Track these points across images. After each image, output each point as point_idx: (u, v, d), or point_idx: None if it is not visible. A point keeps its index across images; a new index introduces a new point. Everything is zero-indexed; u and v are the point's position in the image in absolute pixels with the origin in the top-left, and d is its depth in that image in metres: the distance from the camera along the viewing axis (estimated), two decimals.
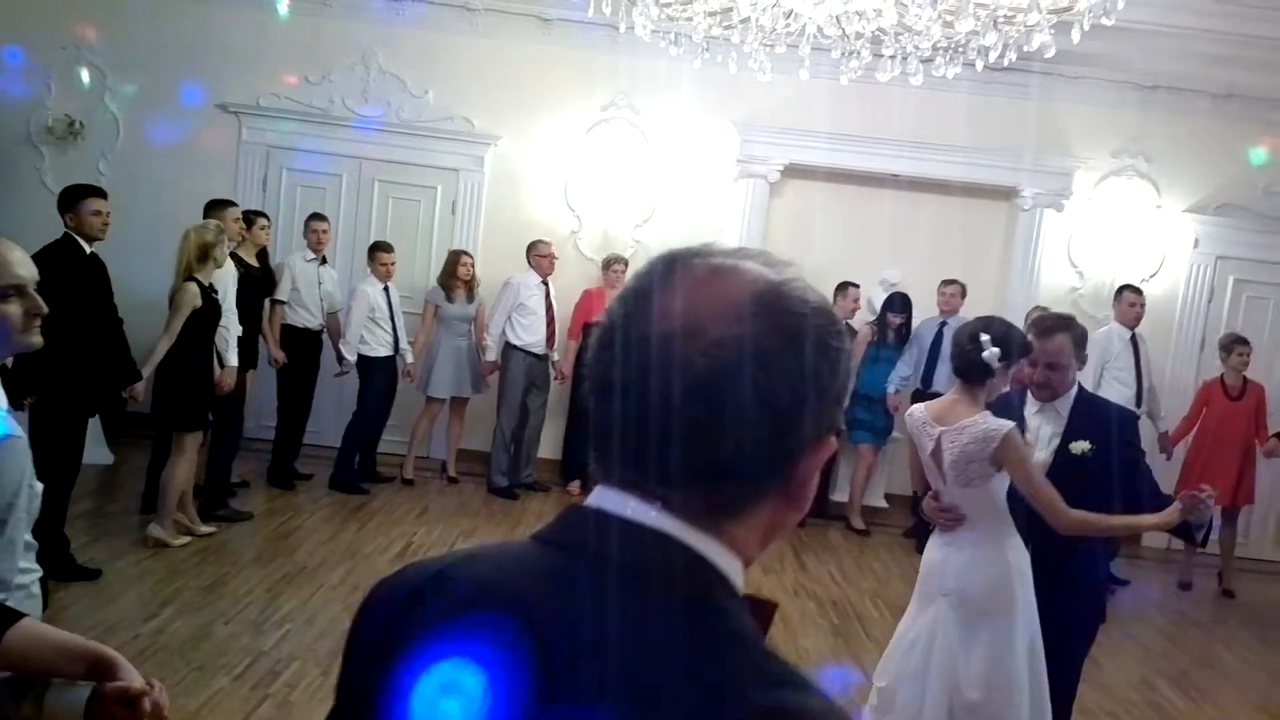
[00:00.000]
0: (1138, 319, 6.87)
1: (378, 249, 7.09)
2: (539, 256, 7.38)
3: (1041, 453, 3.16)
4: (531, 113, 7.82)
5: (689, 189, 7.92)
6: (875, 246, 7.86)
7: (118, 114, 7.75)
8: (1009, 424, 2.96)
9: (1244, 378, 6.93)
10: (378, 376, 7.05)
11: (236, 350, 5.73)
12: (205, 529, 5.59)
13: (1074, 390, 3.21)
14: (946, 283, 7.35)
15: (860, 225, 7.91)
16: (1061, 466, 3.11)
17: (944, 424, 3.05)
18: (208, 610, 4.53)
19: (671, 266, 0.82)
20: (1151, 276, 7.84)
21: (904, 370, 7.34)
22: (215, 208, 5.99)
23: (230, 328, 5.65)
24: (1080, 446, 3.08)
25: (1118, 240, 7.85)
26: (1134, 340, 6.87)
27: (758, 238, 7.74)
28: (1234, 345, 6.94)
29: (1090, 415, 3.13)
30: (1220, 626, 6.33)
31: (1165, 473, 7.52)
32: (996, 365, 2.96)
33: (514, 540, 0.90)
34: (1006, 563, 3.04)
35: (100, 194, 5.00)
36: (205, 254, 5.23)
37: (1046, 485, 2.94)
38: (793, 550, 6.78)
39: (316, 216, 7.06)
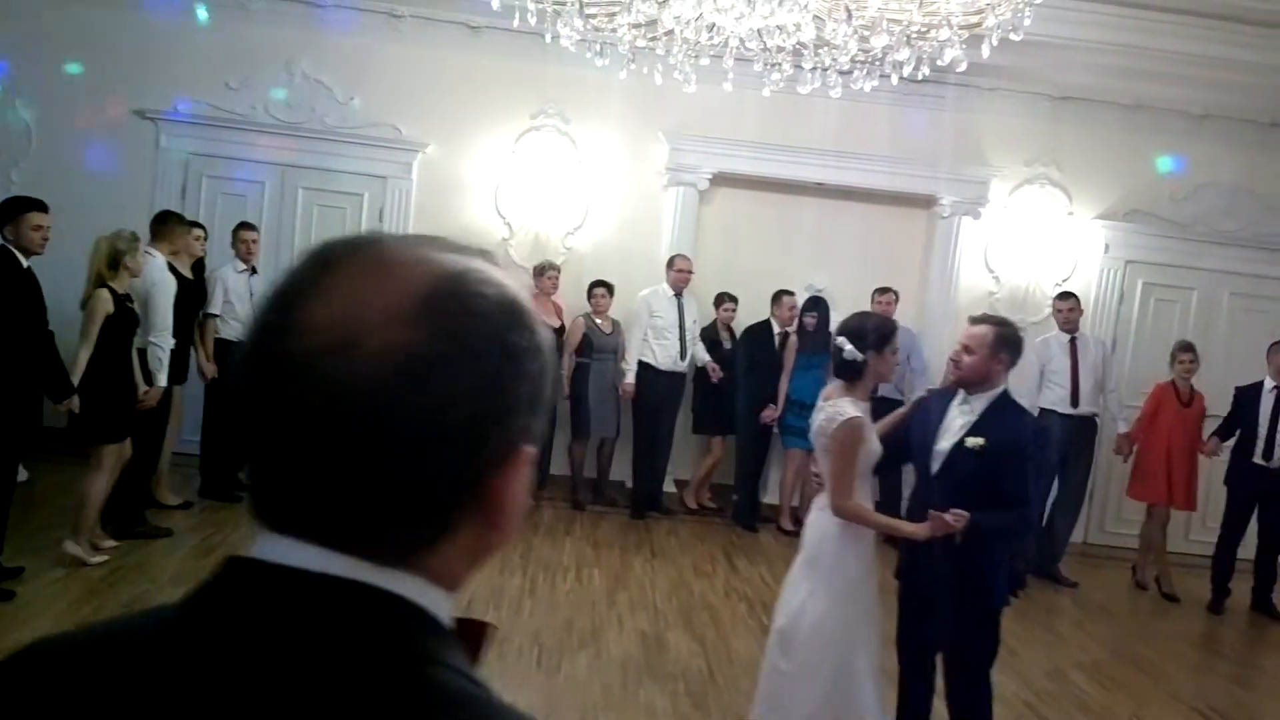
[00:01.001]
0: (1067, 323, 7.08)
1: None
2: None
3: (946, 442, 3.36)
4: (460, 120, 7.81)
5: (619, 196, 7.98)
6: (802, 253, 8.03)
7: (30, 122, 7.54)
8: (855, 415, 3.26)
9: (1191, 386, 7.10)
10: None
11: (168, 369, 5.59)
12: (109, 543, 5.46)
13: (996, 391, 3.34)
14: (881, 291, 7.47)
15: (787, 233, 8.08)
16: (954, 456, 3.32)
17: (824, 402, 3.44)
18: None
19: (324, 263, 0.69)
20: (1065, 281, 8.12)
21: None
22: (168, 221, 5.91)
23: (164, 345, 5.53)
24: (975, 442, 3.26)
25: (1032, 246, 8.13)
26: (1073, 344, 7.07)
27: (689, 245, 7.84)
28: (1178, 353, 7.12)
29: (1000, 419, 3.29)
30: (1133, 618, 6.57)
31: (1119, 473, 7.79)
32: (860, 357, 3.27)
33: (162, 607, 0.71)
34: (840, 529, 3.34)
35: (42, 208, 4.87)
36: (116, 261, 5.13)
37: (845, 473, 3.24)
38: (724, 553, 6.87)
39: (245, 226, 6.92)
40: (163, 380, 5.56)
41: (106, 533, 5.51)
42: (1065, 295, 7.26)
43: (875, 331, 3.33)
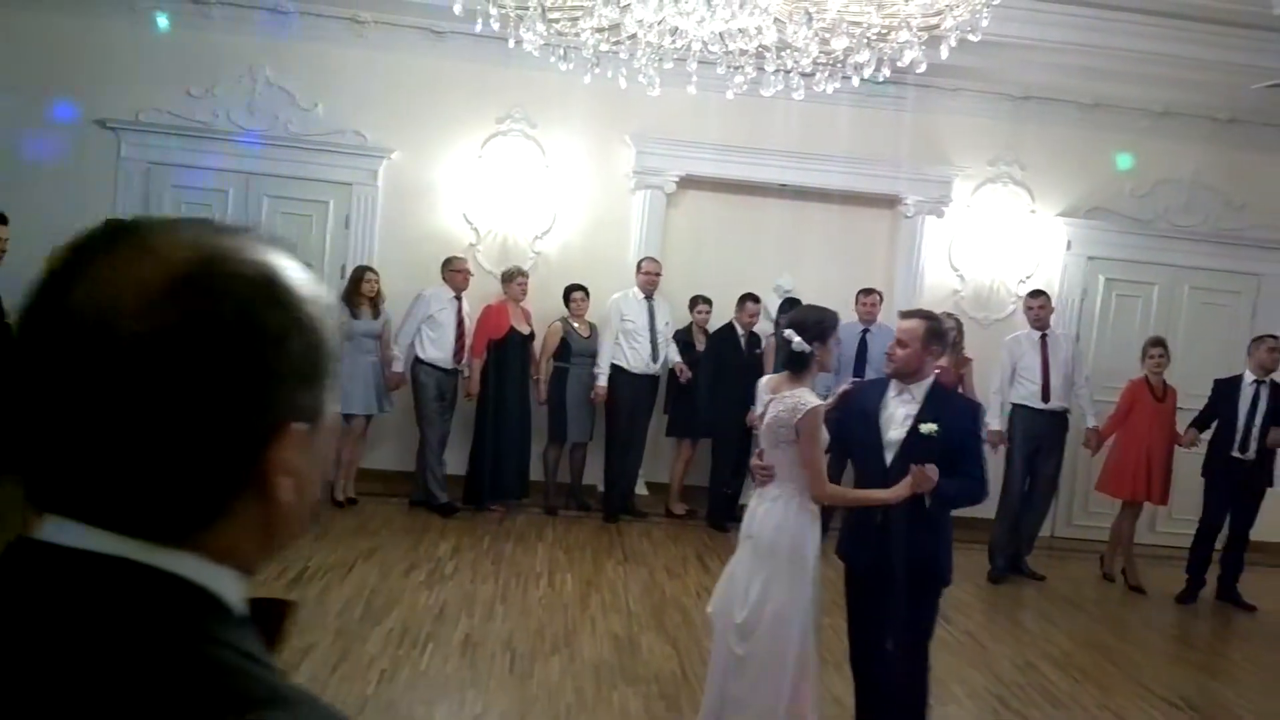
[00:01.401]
0: (1037, 321, 7.14)
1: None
2: (453, 272, 7.33)
3: (895, 431, 3.51)
4: (426, 126, 7.78)
5: (587, 200, 7.98)
6: (769, 254, 8.08)
7: None
8: (819, 403, 3.40)
9: (1164, 381, 7.15)
10: None
11: None
12: None
13: (928, 380, 3.53)
14: (865, 292, 7.51)
15: (754, 234, 8.12)
16: (912, 444, 3.47)
17: (774, 394, 3.48)
18: None
19: (87, 248, 0.71)
20: (1028, 278, 8.22)
21: (827, 379, 7.26)
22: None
23: None
24: (929, 428, 3.43)
25: (996, 244, 8.23)
26: (1043, 340, 7.13)
27: (657, 247, 7.86)
28: (1148, 348, 7.19)
29: (942, 404, 3.51)
30: (1101, 609, 6.65)
31: (1092, 473, 7.82)
32: (807, 349, 3.41)
33: None
34: (796, 518, 3.43)
35: (1, 220, 4.81)
36: None
37: (820, 460, 3.37)
38: (695, 554, 6.89)
39: None
40: None
41: None
42: (1036, 293, 7.31)
43: (818, 324, 3.48)
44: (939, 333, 3.47)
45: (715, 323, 7.79)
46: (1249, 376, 6.92)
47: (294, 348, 0.72)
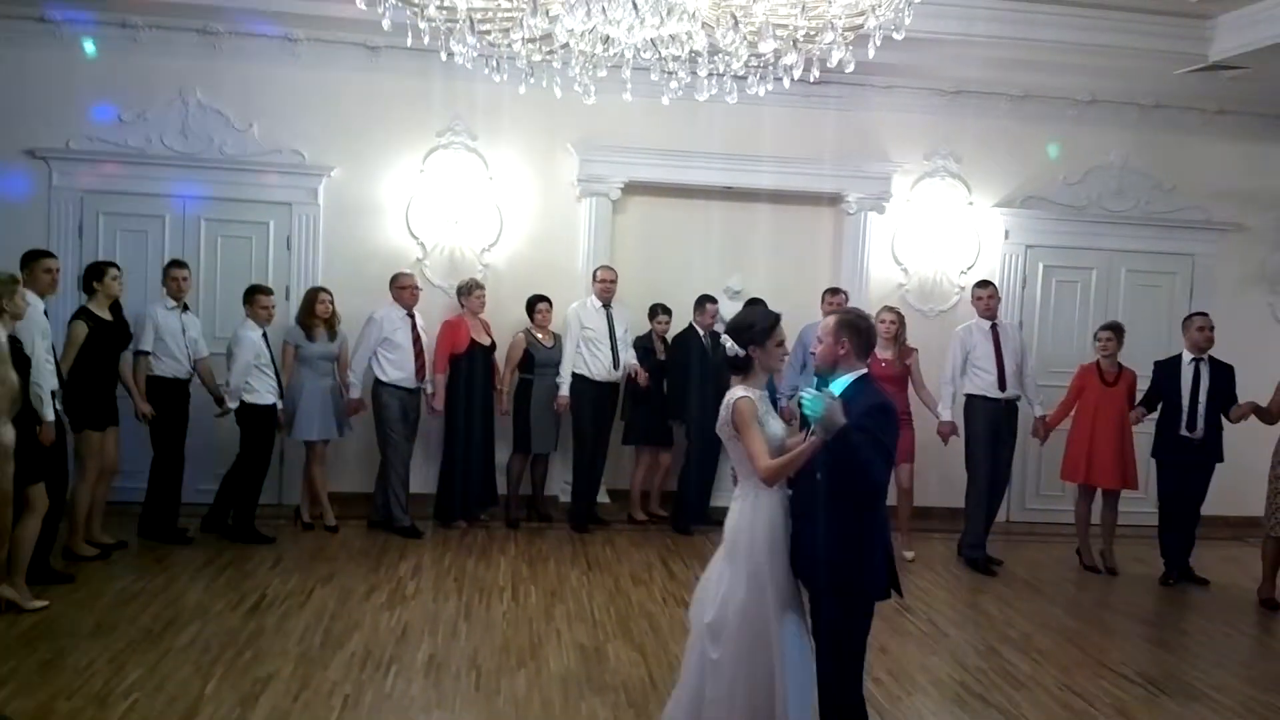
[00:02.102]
0: (987, 311, 7.18)
1: (257, 292, 6.89)
2: (400, 288, 7.26)
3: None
4: (365, 142, 7.72)
5: (533, 210, 7.97)
6: (717, 256, 8.15)
7: None
8: (743, 394, 3.41)
9: (1119, 364, 7.21)
10: (264, 425, 6.84)
11: (52, 405, 5.35)
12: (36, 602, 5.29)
13: (856, 374, 3.39)
14: (832, 291, 7.55)
15: (701, 236, 8.18)
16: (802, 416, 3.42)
17: None
18: (47, 688, 4.26)
19: None
20: (970, 268, 8.37)
21: (792, 379, 7.14)
22: (30, 259, 5.70)
23: (43, 384, 5.29)
24: (731, 345, 3.47)
25: (936, 236, 8.36)
26: (994, 330, 7.18)
27: (605, 254, 7.87)
28: (1098, 332, 7.26)
29: (852, 395, 3.32)
30: (1058, 591, 6.75)
31: (1043, 457, 7.98)
32: (741, 353, 3.46)
33: None
34: (752, 515, 3.44)
35: None
36: None
37: (755, 445, 3.35)
38: (660, 560, 6.89)
39: (176, 264, 6.83)
40: (48, 415, 5.29)
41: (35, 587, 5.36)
42: (984, 283, 7.36)
43: (750, 328, 3.49)
44: (848, 324, 3.40)
45: (675, 327, 7.83)
46: (1187, 356, 7.03)
47: None
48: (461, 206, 7.83)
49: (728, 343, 3.46)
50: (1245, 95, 7.95)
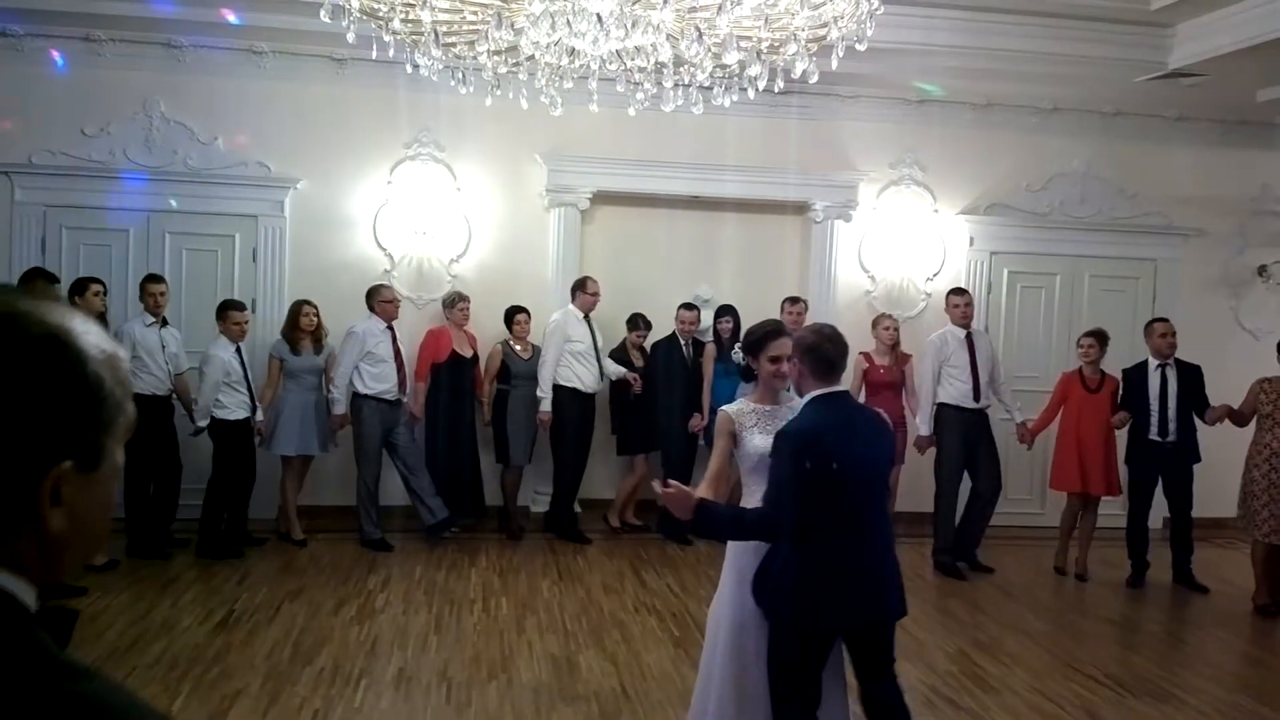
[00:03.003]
0: (964, 318, 7.21)
1: (229, 308, 6.86)
2: (383, 302, 7.23)
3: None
4: (331, 153, 7.69)
5: (502, 221, 7.97)
6: (685, 265, 8.18)
7: None
8: (724, 409, 3.54)
9: (1101, 370, 7.21)
10: (234, 441, 6.80)
11: None
12: None
13: (811, 395, 3.35)
14: (791, 301, 7.60)
15: (669, 246, 8.21)
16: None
17: None
18: None
19: None
20: (935, 275, 8.45)
21: (746, 389, 7.23)
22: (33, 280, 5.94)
23: None
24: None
25: (902, 244, 8.43)
26: (969, 339, 7.19)
27: (573, 264, 7.88)
28: (1081, 338, 7.27)
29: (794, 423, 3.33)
30: (1027, 594, 6.82)
31: (1030, 462, 8.03)
32: (743, 361, 3.67)
33: None
34: None
35: None
36: None
37: (715, 461, 3.52)
38: (631, 568, 6.89)
39: (153, 279, 6.80)
40: None
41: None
42: (959, 291, 7.38)
43: (748, 337, 3.59)
44: (802, 348, 3.32)
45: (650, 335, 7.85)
46: (1152, 362, 7.06)
47: (69, 398, 0.86)
48: (430, 217, 7.81)
49: (737, 352, 3.58)
50: (1204, 102, 8.09)
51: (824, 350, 3.28)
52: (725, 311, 7.68)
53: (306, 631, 5.34)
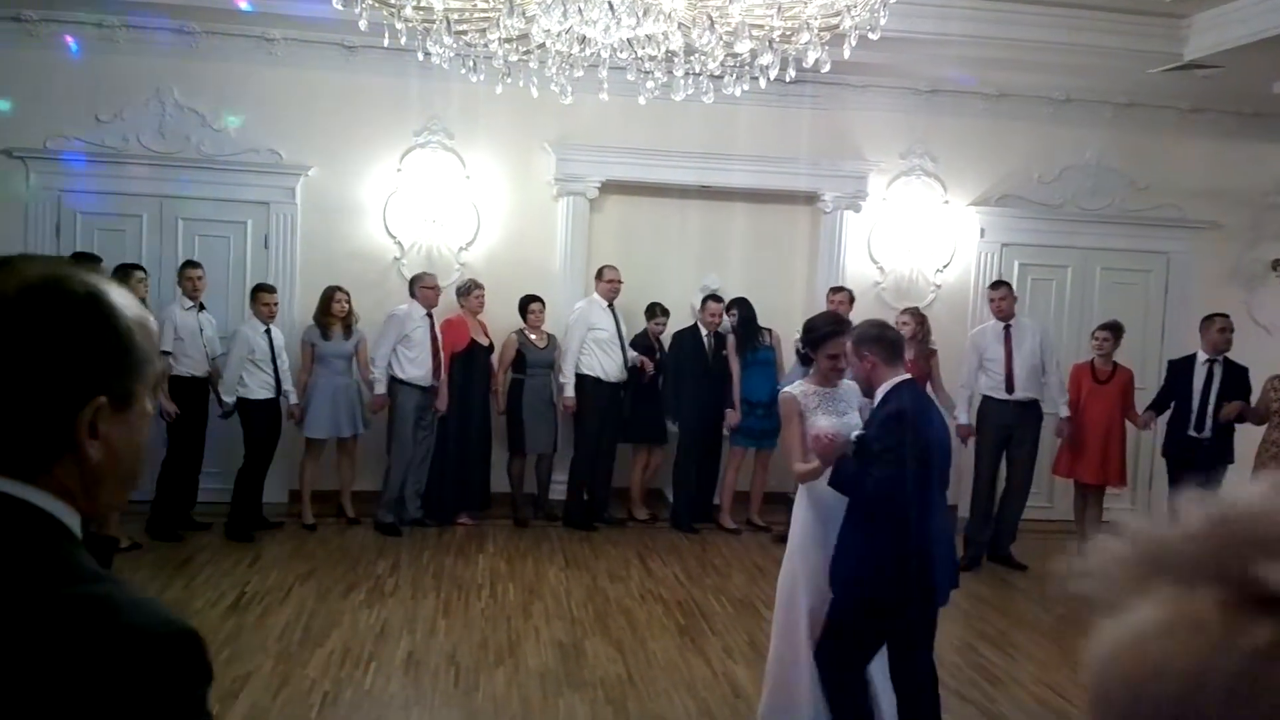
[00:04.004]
0: (999, 312, 7.19)
1: (260, 290, 7.03)
2: (424, 289, 7.27)
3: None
4: (342, 141, 7.70)
5: (510, 209, 7.97)
6: (694, 255, 8.18)
7: None
8: (787, 389, 3.74)
9: (1114, 362, 7.16)
10: (257, 420, 6.90)
11: None
12: None
13: (890, 383, 3.51)
14: (835, 290, 7.61)
15: (677, 236, 8.20)
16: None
17: None
18: None
19: None
20: (945, 267, 8.43)
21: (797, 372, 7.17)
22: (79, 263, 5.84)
23: None
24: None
25: (912, 235, 8.40)
26: (1006, 331, 7.18)
27: (582, 253, 7.89)
28: (1096, 331, 7.23)
29: (881, 406, 3.52)
30: (1034, 586, 6.80)
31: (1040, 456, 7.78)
32: (802, 349, 3.93)
33: None
34: (798, 504, 3.79)
35: None
36: None
37: (791, 438, 3.67)
38: (638, 556, 6.92)
39: (191, 264, 6.97)
40: None
41: None
42: (997, 284, 7.35)
43: (811, 331, 3.80)
44: (866, 340, 3.57)
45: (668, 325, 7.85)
46: (1201, 356, 6.95)
47: (103, 345, 1.02)
48: (439, 206, 7.82)
49: (798, 338, 3.77)
50: (1219, 94, 8.03)
51: (889, 335, 3.53)
52: (738, 304, 7.68)
53: (317, 615, 5.38)
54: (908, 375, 3.53)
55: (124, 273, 6.49)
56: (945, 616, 5.95)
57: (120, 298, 1.05)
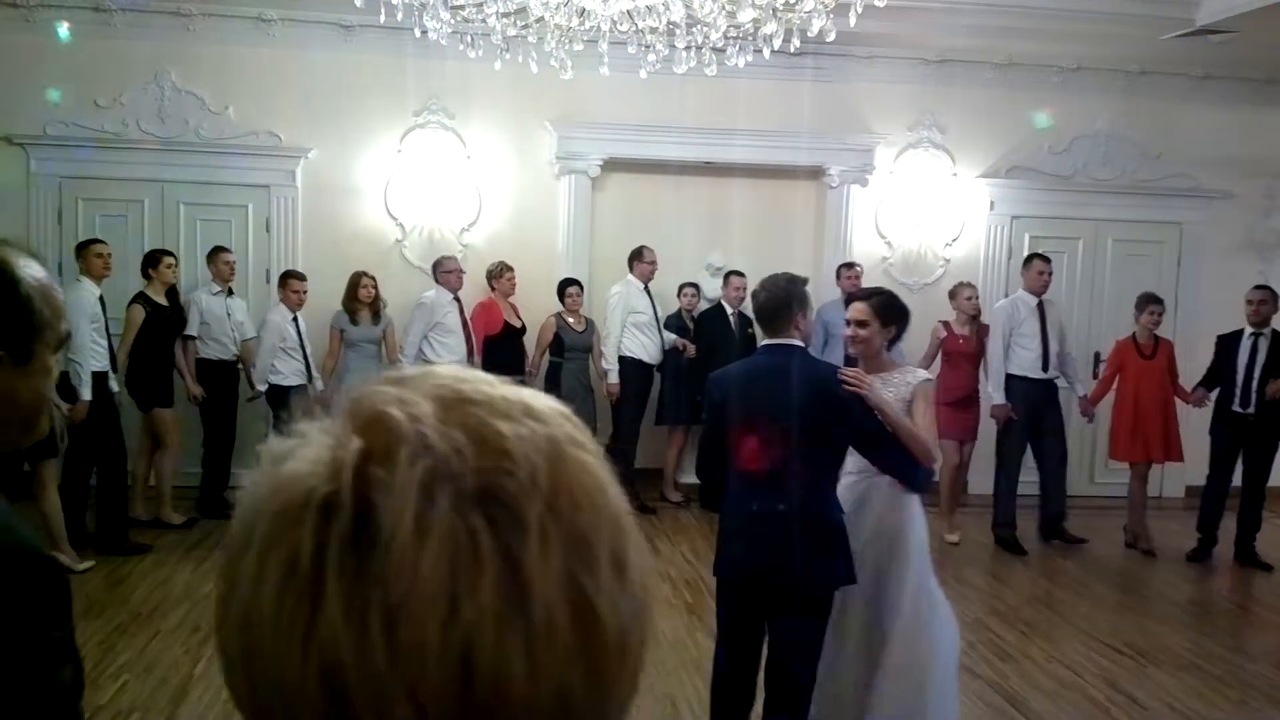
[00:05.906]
0: (1044, 286, 6.98)
1: (290, 277, 7.02)
2: (444, 273, 7.21)
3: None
4: (342, 122, 7.63)
5: (512, 188, 7.90)
6: (698, 232, 8.06)
7: None
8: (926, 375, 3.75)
9: (1155, 335, 6.95)
10: (287, 408, 6.85)
11: (90, 385, 5.64)
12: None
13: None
14: (847, 265, 7.52)
15: (681, 213, 8.08)
16: None
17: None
18: None
19: None
20: (954, 240, 8.32)
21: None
22: (81, 247, 6.19)
23: (84, 363, 5.56)
24: None
25: (920, 209, 8.28)
26: (1040, 307, 6.97)
27: (584, 232, 7.81)
28: (1146, 304, 6.94)
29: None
30: (1043, 562, 6.76)
31: (1088, 435, 7.85)
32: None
33: None
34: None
35: None
36: None
37: (932, 424, 3.69)
38: (645, 536, 6.83)
39: (220, 249, 6.99)
40: (86, 395, 5.62)
41: (87, 553, 5.76)
42: (1044, 258, 7.06)
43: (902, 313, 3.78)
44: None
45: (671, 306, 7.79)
46: (1246, 330, 6.79)
47: (4, 307, 1.14)
48: (440, 186, 7.75)
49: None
50: (1232, 60, 7.88)
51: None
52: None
53: None
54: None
55: (153, 258, 6.57)
56: (955, 593, 5.92)
57: (26, 268, 1.15)
